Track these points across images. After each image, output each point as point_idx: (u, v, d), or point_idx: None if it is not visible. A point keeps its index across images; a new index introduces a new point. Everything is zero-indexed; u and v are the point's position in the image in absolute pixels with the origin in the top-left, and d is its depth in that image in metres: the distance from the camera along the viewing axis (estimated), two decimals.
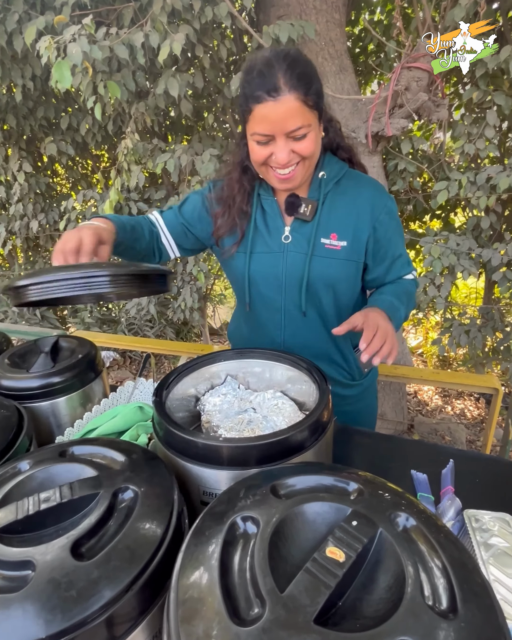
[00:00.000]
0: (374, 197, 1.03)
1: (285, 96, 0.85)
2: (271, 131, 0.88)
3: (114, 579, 0.50)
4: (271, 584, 0.42)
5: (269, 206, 1.08)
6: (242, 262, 1.10)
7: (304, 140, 0.90)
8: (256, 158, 0.95)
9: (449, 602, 0.42)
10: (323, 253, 1.04)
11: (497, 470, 0.94)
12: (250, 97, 0.87)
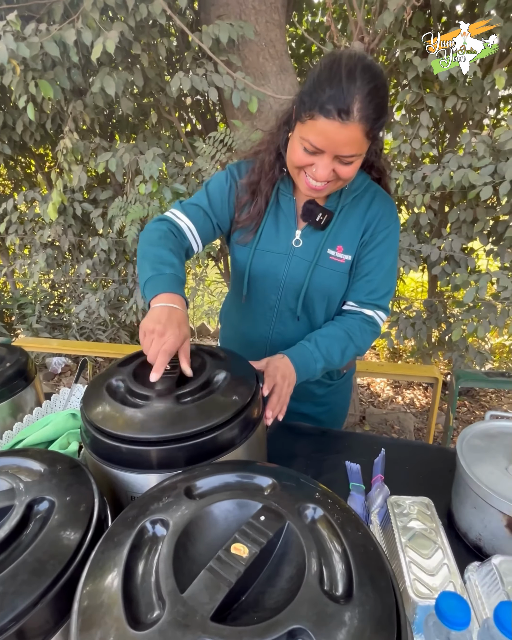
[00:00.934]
0: (383, 215, 1.02)
1: (354, 124, 0.81)
2: (323, 147, 0.85)
3: (19, 594, 0.48)
4: (172, 585, 0.43)
5: (286, 204, 1.05)
6: (246, 255, 1.08)
7: (349, 166, 0.89)
8: (295, 160, 0.91)
9: (345, 588, 0.44)
10: (327, 264, 1.04)
11: (426, 456, 0.99)
12: (318, 105, 0.82)
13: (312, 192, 0.95)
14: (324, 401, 1.25)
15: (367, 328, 1.07)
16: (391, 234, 1.03)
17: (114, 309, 2.87)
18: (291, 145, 0.93)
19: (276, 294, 1.10)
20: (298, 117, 0.89)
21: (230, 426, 0.74)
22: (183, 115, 2.79)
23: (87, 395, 0.82)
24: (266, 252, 1.07)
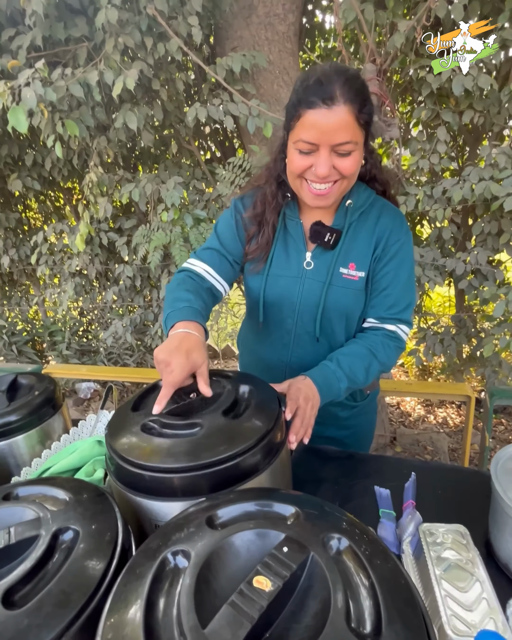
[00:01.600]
0: (393, 228, 1.02)
1: (339, 107, 0.82)
2: (317, 140, 0.85)
3: (44, 627, 0.48)
4: (193, 621, 0.42)
5: (293, 228, 1.06)
6: (259, 283, 1.08)
7: (348, 158, 0.88)
8: (294, 168, 0.91)
9: (373, 625, 0.42)
10: (340, 283, 1.03)
11: (460, 480, 0.95)
12: (303, 102, 0.84)
13: (319, 200, 0.94)
14: (348, 424, 1.22)
15: (390, 344, 1.05)
16: (403, 247, 1.02)
17: (140, 333, 2.93)
18: (288, 156, 0.93)
19: (292, 317, 1.09)
20: (288, 128, 0.91)
21: (252, 452, 0.73)
22: (202, 144, 2.89)
23: (112, 423, 0.83)
24: (278, 277, 1.07)
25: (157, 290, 2.62)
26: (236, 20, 2.06)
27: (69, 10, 1.70)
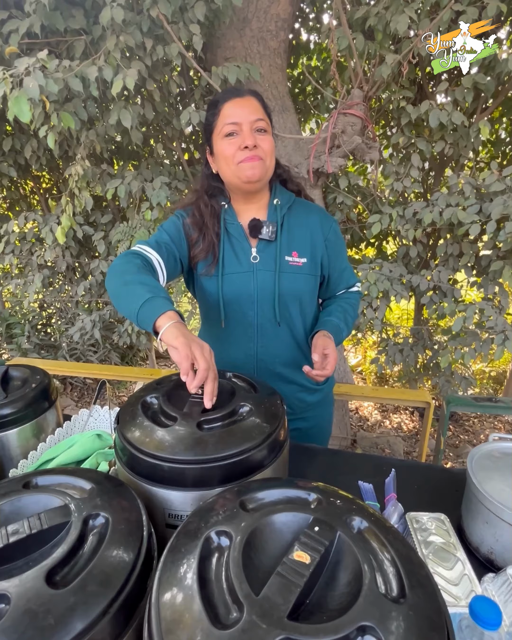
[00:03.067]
0: (322, 220, 1.19)
1: (248, 95, 1.07)
2: (238, 119, 1.03)
3: (90, 604, 0.51)
4: (247, 590, 0.47)
5: (234, 230, 1.17)
6: (215, 284, 1.16)
7: (265, 137, 1.06)
8: (227, 153, 1.05)
9: (399, 590, 0.49)
10: (288, 269, 1.15)
11: (433, 476, 1.05)
12: (220, 100, 1.06)
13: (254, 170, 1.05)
14: (310, 415, 1.32)
15: (357, 297, 1.34)
16: (336, 230, 1.22)
17: (107, 330, 2.88)
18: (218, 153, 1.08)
19: (253, 309, 1.18)
20: (210, 130, 1.09)
21: (260, 448, 0.79)
22: (182, 145, 2.91)
23: (123, 416, 0.85)
24: (231, 275, 1.16)
25: None
26: (230, 30, 2.12)
27: (67, 2, 1.69)
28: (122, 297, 0.93)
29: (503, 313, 2.07)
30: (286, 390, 1.24)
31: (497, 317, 1.98)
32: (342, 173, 2.17)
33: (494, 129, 2.66)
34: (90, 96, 1.82)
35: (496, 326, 1.99)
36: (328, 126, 1.86)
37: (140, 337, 2.70)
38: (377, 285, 2.02)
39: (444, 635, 0.46)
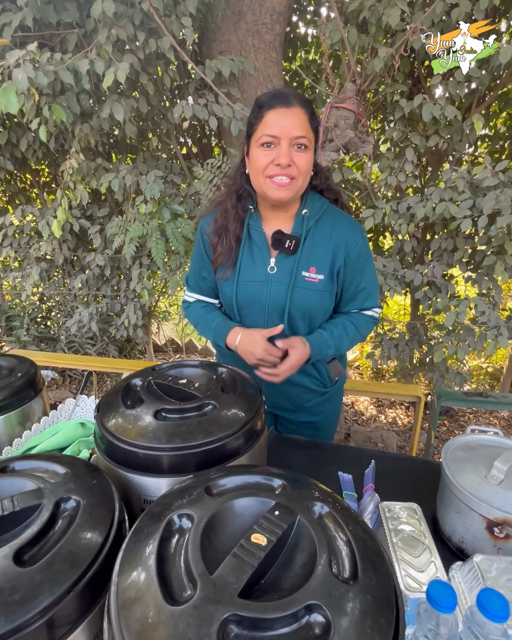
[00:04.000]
0: (347, 234, 1.14)
1: (296, 107, 1.00)
2: (278, 133, 0.99)
3: (56, 582, 0.53)
4: (202, 569, 0.49)
5: (257, 237, 1.16)
6: (231, 289, 1.18)
7: (304, 154, 1.02)
8: (259, 164, 1.03)
9: (351, 572, 0.51)
10: (303, 285, 1.14)
11: (412, 468, 1.07)
12: (266, 105, 1.01)
13: (280, 192, 1.04)
14: (318, 410, 1.34)
15: (368, 320, 1.25)
16: (363, 248, 1.16)
17: (105, 323, 2.90)
18: (252, 159, 1.06)
19: (263, 317, 1.19)
20: (250, 133, 1.05)
21: (236, 436, 0.81)
22: (179, 139, 2.91)
23: (103, 405, 0.87)
24: (247, 282, 1.17)
25: (127, 281, 2.62)
26: (225, 24, 2.12)
27: None
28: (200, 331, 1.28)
29: (497, 309, 2.06)
30: (292, 392, 1.27)
31: (490, 313, 1.97)
32: (336, 167, 2.16)
33: (492, 123, 2.64)
34: (83, 89, 1.83)
35: (489, 321, 1.99)
36: (321, 120, 1.86)
37: (137, 330, 2.72)
38: None
39: (392, 615, 0.47)
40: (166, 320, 3.30)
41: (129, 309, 2.60)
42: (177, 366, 1.00)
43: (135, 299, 2.67)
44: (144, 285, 2.39)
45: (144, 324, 2.85)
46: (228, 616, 0.44)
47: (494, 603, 0.55)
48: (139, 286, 2.39)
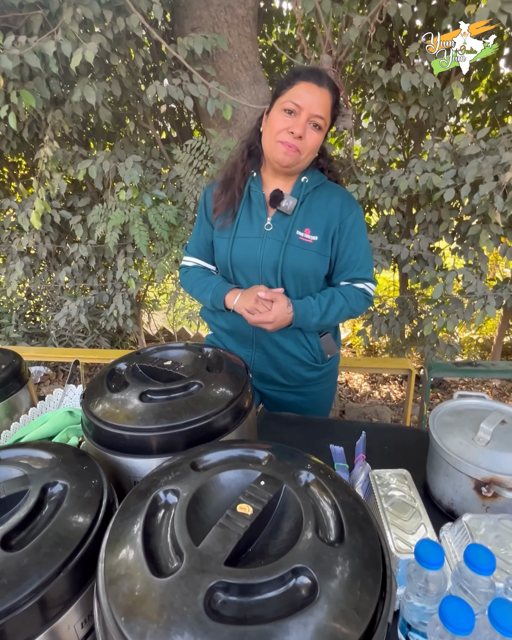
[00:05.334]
0: (343, 204, 1.18)
1: (325, 89, 1.06)
2: (302, 104, 1.04)
3: (44, 564, 0.53)
4: (187, 540, 0.49)
5: (256, 197, 1.20)
6: (226, 245, 1.21)
7: (316, 133, 1.07)
8: (276, 126, 1.07)
9: (337, 535, 0.51)
10: (297, 243, 1.16)
11: (403, 437, 1.08)
12: (301, 75, 1.06)
13: (288, 156, 1.08)
14: (309, 391, 1.33)
15: (360, 295, 1.23)
16: (357, 217, 1.19)
17: (94, 315, 2.88)
18: (270, 119, 1.10)
19: (257, 274, 1.20)
20: (277, 95, 1.09)
21: (223, 414, 0.80)
22: (158, 123, 2.84)
23: (88, 391, 0.86)
24: (243, 238, 1.20)
25: (113, 271, 2.59)
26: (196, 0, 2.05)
27: None
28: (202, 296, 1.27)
29: (484, 279, 2.07)
30: (282, 361, 1.27)
31: (477, 283, 1.98)
32: None
33: (473, 92, 2.60)
34: (53, 74, 1.77)
35: (476, 292, 2.00)
36: None
37: (127, 320, 2.70)
38: None
39: (378, 574, 0.48)
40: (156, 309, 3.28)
41: (117, 299, 2.58)
42: (162, 349, 0.99)
43: (122, 289, 2.65)
44: (131, 275, 2.37)
45: (134, 313, 2.83)
46: (214, 584, 0.44)
47: (480, 557, 0.55)
48: (125, 275, 2.36)
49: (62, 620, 0.53)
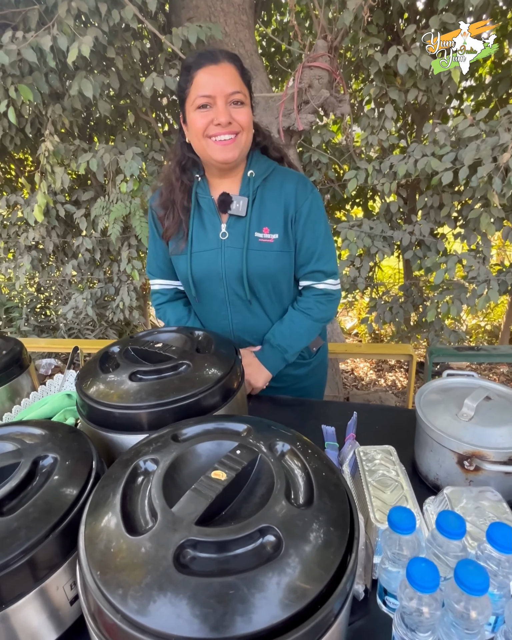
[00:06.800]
0: (298, 190, 1.10)
1: (224, 62, 0.98)
2: (212, 92, 0.96)
3: (33, 528, 0.56)
4: (162, 503, 0.51)
5: (205, 204, 1.13)
6: (185, 262, 1.15)
7: (242, 109, 1.00)
8: (198, 126, 1.00)
9: (307, 499, 0.53)
10: (257, 247, 1.10)
11: (394, 417, 1.09)
12: (193, 65, 0.98)
13: (226, 153, 1.02)
14: (300, 387, 1.32)
15: (322, 300, 1.19)
16: (313, 204, 1.11)
17: (101, 308, 2.93)
18: (190, 124, 1.03)
19: (222, 286, 1.15)
20: (183, 97, 1.01)
21: (211, 392, 0.83)
22: (160, 116, 2.86)
23: (82, 373, 0.90)
24: (200, 252, 1.13)
25: (118, 263, 2.62)
26: None
27: None
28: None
29: (486, 263, 2.05)
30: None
31: (479, 267, 1.96)
32: (318, 130, 2.12)
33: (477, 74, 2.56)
34: (52, 69, 1.80)
35: (478, 276, 1.98)
36: (295, 81, 1.82)
37: (133, 312, 2.74)
38: (356, 243, 2.01)
39: (345, 534, 0.50)
40: None
41: (123, 291, 2.62)
42: (154, 333, 1.02)
43: (128, 281, 2.68)
44: (134, 266, 2.40)
45: (140, 305, 2.87)
46: (184, 541, 0.46)
47: (450, 522, 0.57)
48: (129, 267, 2.39)
49: (51, 580, 0.56)
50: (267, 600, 0.42)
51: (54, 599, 0.58)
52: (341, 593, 0.45)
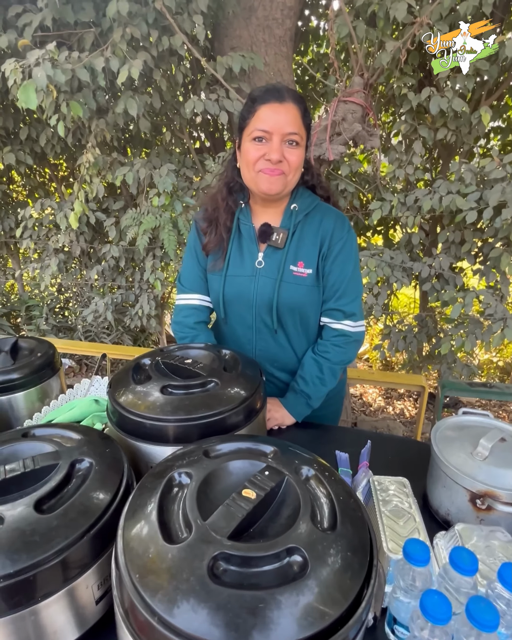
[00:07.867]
0: (335, 229, 1.13)
1: (289, 103, 1.02)
2: (271, 128, 1.00)
3: (70, 528, 0.60)
4: (196, 515, 0.55)
5: (246, 231, 1.17)
6: (218, 283, 1.18)
7: (295, 150, 1.04)
8: (250, 157, 1.04)
9: (330, 524, 0.56)
10: (291, 279, 1.13)
11: (407, 448, 1.11)
12: (259, 100, 1.02)
13: (272, 184, 1.05)
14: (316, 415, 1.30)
15: (339, 343, 1.19)
16: (346, 244, 1.14)
17: (119, 313, 2.99)
18: (243, 152, 1.07)
19: (251, 313, 1.19)
20: (242, 127, 1.06)
21: (236, 411, 0.87)
22: (193, 133, 2.97)
23: (115, 382, 0.94)
24: (234, 277, 1.17)
25: (141, 272, 2.70)
26: (236, 20, 2.15)
27: None
28: None
29: (504, 301, 2.08)
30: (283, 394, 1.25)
31: (496, 305, 1.99)
32: (347, 159, 2.19)
33: (505, 115, 2.63)
34: (99, 86, 1.90)
35: (495, 313, 2.01)
36: (329, 114, 1.89)
37: (151, 320, 2.80)
38: (376, 272, 2.06)
39: (365, 561, 0.53)
40: None
41: (143, 299, 2.68)
42: (183, 348, 1.06)
43: (148, 290, 2.75)
44: (157, 276, 2.47)
45: (157, 314, 2.93)
46: (218, 554, 0.50)
47: (464, 559, 0.60)
48: (152, 277, 2.46)
49: (82, 579, 0.60)
50: (290, 618, 0.45)
51: (82, 598, 0.61)
52: (357, 620, 0.48)
